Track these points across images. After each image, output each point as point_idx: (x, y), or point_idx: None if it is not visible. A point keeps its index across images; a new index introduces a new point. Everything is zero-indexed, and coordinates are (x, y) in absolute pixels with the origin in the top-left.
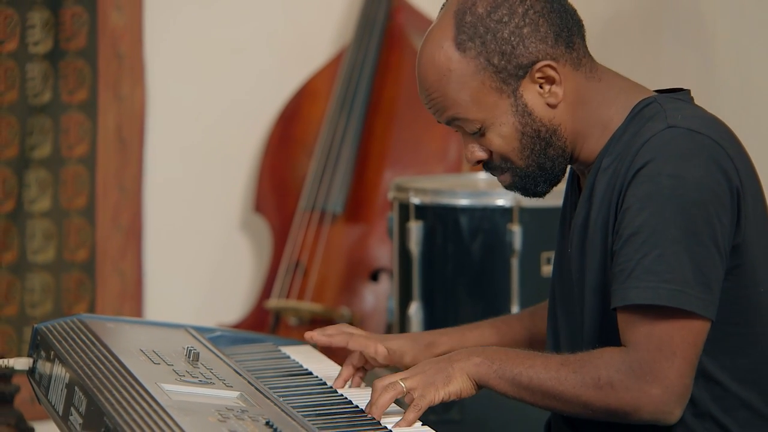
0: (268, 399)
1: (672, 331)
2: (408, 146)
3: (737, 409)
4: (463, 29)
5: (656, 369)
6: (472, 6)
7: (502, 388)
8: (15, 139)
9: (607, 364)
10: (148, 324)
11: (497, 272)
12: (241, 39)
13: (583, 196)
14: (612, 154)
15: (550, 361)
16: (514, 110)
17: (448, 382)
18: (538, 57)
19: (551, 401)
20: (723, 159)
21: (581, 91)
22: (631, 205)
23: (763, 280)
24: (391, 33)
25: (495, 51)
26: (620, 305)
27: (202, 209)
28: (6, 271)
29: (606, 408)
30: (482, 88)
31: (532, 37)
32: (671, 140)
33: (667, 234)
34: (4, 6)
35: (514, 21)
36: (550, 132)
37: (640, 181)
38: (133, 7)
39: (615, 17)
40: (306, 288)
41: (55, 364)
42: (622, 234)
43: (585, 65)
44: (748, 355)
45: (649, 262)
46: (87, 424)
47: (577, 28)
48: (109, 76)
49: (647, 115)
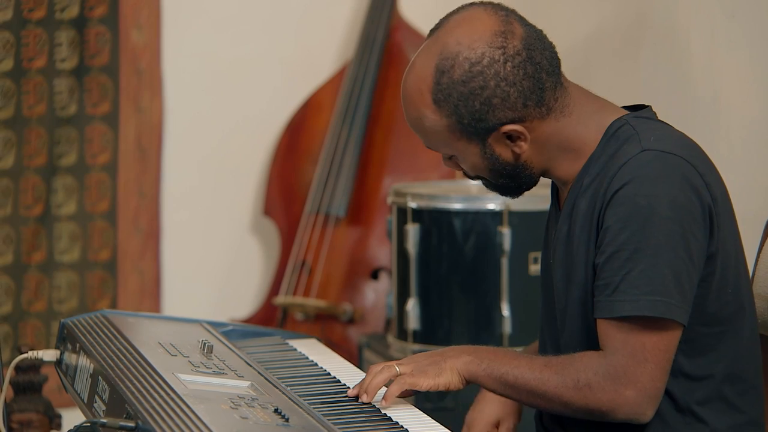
0: (276, 388)
1: (645, 339)
2: (405, 155)
3: (713, 401)
4: (439, 88)
5: (630, 373)
6: (450, 69)
7: (489, 385)
8: (43, 148)
9: (587, 367)
10: (165, 319)
11: (488, 271)
12: (252, 56)
13: (565, 212)
14: (591, 174)
15: (534, 363)
16: (482, 154)
17: (439, 374)
18: (505, 122)
19: (535, 399)
20: (694, 177)
21: (550, 132)
22: (612, 224)
23: (730, 284)
24: (390, 50)
25: (465, 116)
26: (606, 317)
27: (216, 213)
28: (35, 270)
29: (585, 407)
30: (452, 136)
31: (501, 106)
32: (646, 163)
33: (647, 250)
34: (33, 26)
35: (485, 93)
36: (518, 169)
37: (619, 202)
38: (152, 27)
39: (597, 36)
40: (311, 285)
41: (80, 355)
42: (604, 250)
43: (555, 110)
44: (719, 352)
45: (632, 278)
46: (110, 410)
47: (551, 78)
48: (130, 90)
49: (622, 137)
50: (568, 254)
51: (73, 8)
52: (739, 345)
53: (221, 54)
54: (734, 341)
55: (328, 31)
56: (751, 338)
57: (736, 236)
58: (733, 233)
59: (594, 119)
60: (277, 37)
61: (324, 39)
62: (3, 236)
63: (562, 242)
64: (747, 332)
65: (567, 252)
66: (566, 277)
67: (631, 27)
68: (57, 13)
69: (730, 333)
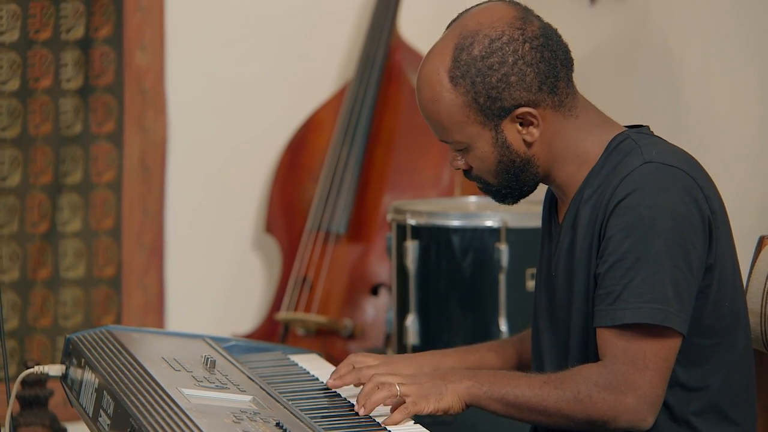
0: (278, 402)
1: (645, 347)
2: (405, 173)
3: (708, 412)
4: (458, 65)
5: (630, 381)
6: (470, 46)
7: (491, 407)
8: (49, 166)
9: (586, 379)
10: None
11: (486, 287)
12: (254, 76)
13: (566, 224)
14: (592, 186)
15: (533, 380)
16: (494, 142)
17: (440, 398)
18: (521, 103)
19: (537, 416)
20: (695, 189)
21: (559, 127)
22: (614, 234)
23: (727, 297)
24: (390, 70)
25: (482, 92)
26: (608, 325)
27: (218, 230)
28: (41, 286)
29: (587, 419)
30: (467, 120)
31: (517, 85)
32: (648, 174)
33: (648, 259)
34: (39, 47)
35: (503, 69)
36: (524, 162)
37: (621, 212)
38: (155, 48)
39: (594, 57)
40: (312, 301)
41: (85, 370)
42: (606, 260)
43: (566, 105)
44: (714, 363)
45: (635, 286)
46: (114, 424)
47: (564, 69)
48: (134, 110)
49: (624, 150)
50: (570, 265)
51: (78, 29)
52: (734, 357)
53: (224, 74)
54: (729, 353)
55: (329, 52)
56: (746, 351)
57: (732, 250)
58: (730, 247)
59: (597, 131)
60: (280, 57)
61: (325, 59)
62: (9, 253)
63: (564, 254)
64: (741, 345)
65: (569, 263)
66: (568, 288)
67: (627, 49)
68: (62, 34)
69: (726, 345)
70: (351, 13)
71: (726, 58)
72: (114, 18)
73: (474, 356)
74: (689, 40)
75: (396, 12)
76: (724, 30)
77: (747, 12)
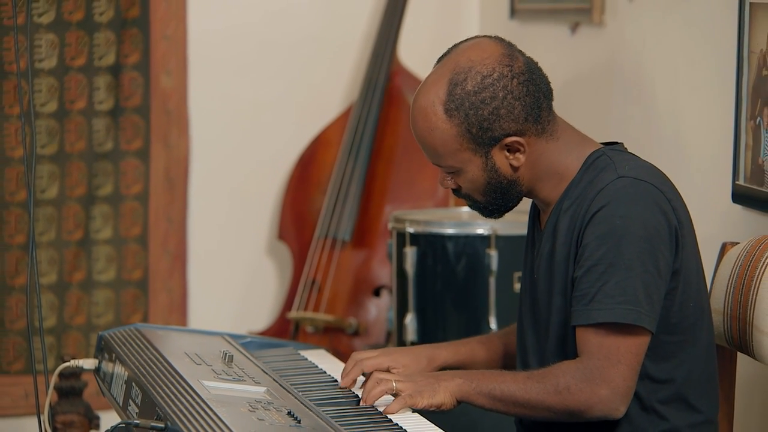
0: (289, 393)
1: (618, 343)
2: (404, 185)
3: (674, 402)
4: (452, 98)
5: (605, 374)
6: (464, 81)
7: (480, 402)
8: (83, 180)
9: (565, 373)
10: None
11: (477, 288)
12: (268, 97)
13: (547, 231)
14: (571, 198)
15: (517, 376)
16: (484, 166)
17: (434, 395)
18: (509, 132)
19: (521, 409)
20: (663, 202)
21: (542, 151)
22: (590, 241)
23: (692, 298)
24: (390, 93)
25: (474, 124)
26: (585, 323)
27: (236, 237)
28: (76, 288)
29: (565, 410)
30: (460, 147)
31: (506, 117)
32: (621, 188)
33: (621, 265)
34: (75, 72)
35: (494, 103)
36: (510, 183)
37: (597, 222)
38: (179, 73)
39: (575, 81)
40: (321, 302)
41: (116, 364)
42: (583, 264)
43: (548, 130)
44: (680, 358)
45: (608, 288)
46: (142, 413)
47: (546, 100)
48: (160, 129)
49: (600, 166)
50: (550, 269)
51: (109, 56)
52: (697, 352)
53: (241, 97)
54: (693, 349)
55: (335, 77)
56: (709, 347)
57: (697, 256)
58: (694, 253)
59: (576, 149)
60: (291, 82)
61: (332, 83)
62: (48, 258)
63: (545, 258)
64: (705, 342)
65: (549, 267)
66: (549, 290)
67: (604, 73)
68: (96, 61)
69: (690, 341)
70: (355, 41)
71: (692, 82)
72: (142, 46)
73: (465, 348)
74: (660, 66)
75: (396, 40)
76: (691, 56)
77: (711, 40)
